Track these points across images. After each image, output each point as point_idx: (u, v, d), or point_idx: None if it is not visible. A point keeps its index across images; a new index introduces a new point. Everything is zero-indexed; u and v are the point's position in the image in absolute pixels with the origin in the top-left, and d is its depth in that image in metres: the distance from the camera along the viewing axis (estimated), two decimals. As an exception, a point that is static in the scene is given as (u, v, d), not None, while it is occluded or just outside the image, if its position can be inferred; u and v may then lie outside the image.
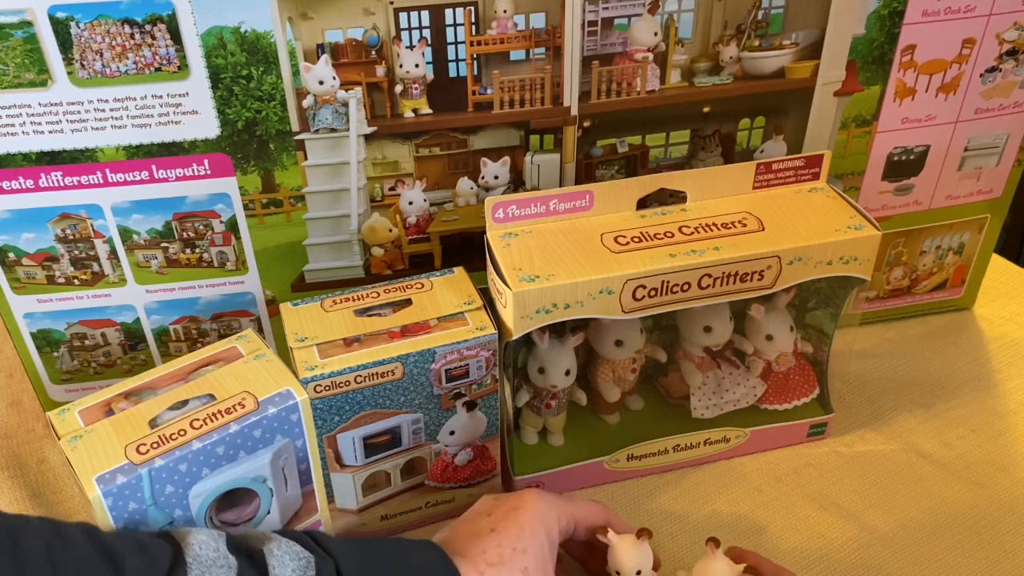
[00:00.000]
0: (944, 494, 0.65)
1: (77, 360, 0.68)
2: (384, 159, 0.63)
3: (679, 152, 0.68)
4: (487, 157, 0.65)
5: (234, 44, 0.56)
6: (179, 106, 0.58)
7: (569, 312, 0.57)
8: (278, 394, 0.52)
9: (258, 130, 0.60)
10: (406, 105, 0.61)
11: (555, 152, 0.65)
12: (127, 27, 0.55)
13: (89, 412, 0.51)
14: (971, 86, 0.68)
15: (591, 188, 0.61)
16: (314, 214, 0.64)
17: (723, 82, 0.64)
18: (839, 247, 0.59)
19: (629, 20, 0.61)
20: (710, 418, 0.68)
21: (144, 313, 0.67)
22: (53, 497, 0.66)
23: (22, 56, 0.55)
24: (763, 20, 0.62)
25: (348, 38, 0.58)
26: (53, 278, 0.64)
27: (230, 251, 0.65)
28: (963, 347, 0.79)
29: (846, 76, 0.66)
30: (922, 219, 0.75)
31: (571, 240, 0.59)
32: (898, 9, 0.63)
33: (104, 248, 0.63)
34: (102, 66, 0.56)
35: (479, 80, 0.61)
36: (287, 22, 0.57)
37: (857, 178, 0.71)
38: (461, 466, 0.63)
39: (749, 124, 0.67)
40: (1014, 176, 0.74)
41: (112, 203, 0.61)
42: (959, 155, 0.72)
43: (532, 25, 0.60)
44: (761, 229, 0.60)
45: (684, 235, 0.59)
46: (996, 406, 0.73)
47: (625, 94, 0.64)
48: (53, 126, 0.57)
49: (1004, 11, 0.65)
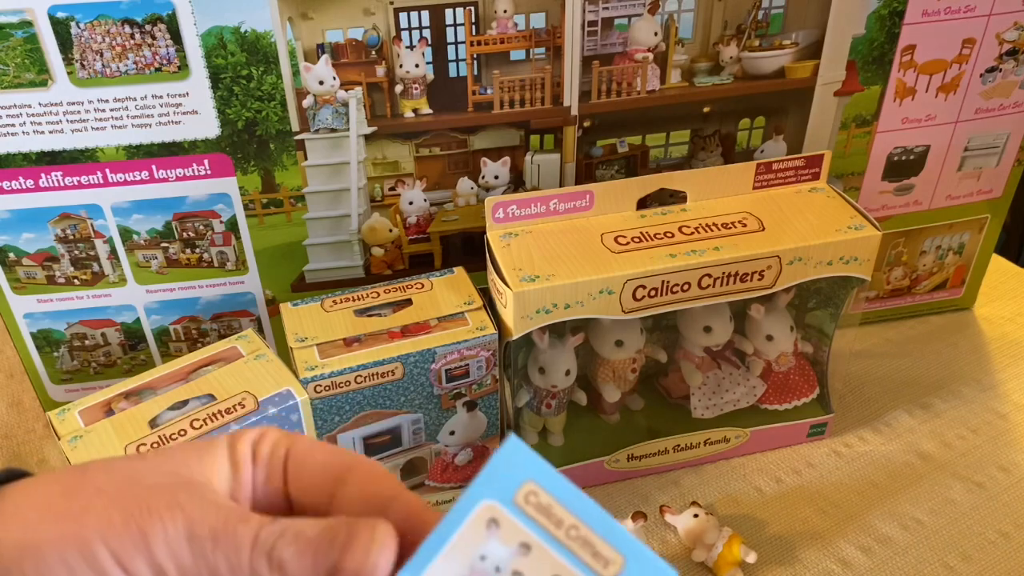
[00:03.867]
0: (944, 495, 0.65)
1: (77, 360, 0.68)
2: (384, 159, 0.63)
3: (679, 152, 0.68)
4: (487, 157, 0.65)
5: (234, 44, 0.56)
6: (179, 106, 0.58)
7: (569, 312, 0.57)
8: (278, 394, 0.52)
9: (258, 130, 0.60)
10: (406, 105, 0.61)
11: (555, 152, 0.65)
12: (127, 27, 0.55)
13: (89, 412, 0.51)
14: (971, 86, 0.68)
15: (591, 188, 0.60)
16: (314, 214, 0.64)
17: (723, 82, 0.64)
18: (839, 247, 0.59)
19: (629, 20, 0.61)
20: (710, 418, 0.68)
21: (144, 313, 0.67)
22: (53, 497, 0.66)
23: (22, 56, 0.55)
24: (763, 20, 0.62)
25: (348, 38, 0.58)
26: (53, 278, 0.64)
27: (230, 251, 0.65)
28: (963, 347, 0.79)
29: (846, 76, 0.66)
30: (922, 219, 0.75)
31: (571, 240, 0.59)
32: (898, 9, 0.63)
33: (104, 248, 0.63)
34: (102, 66, 0.56)
35: (479, 80, 0.61)
36: (287, 22, 0.57)
37: (857, 178, 0.71)
38: (461, 466, 0.63)
39: (749, 124, 0.67)
40: (1014, 176, 0.74)
41: (112, 203, 0.61)
42: (959, 155, 0.72)
43: (532, 25, 0.60)
44: (761, 229, 0.60)
45: (684, 235, 0.59)
46: (996, 406, 0.73)
47: (625, 94, 0.64)
48: (53, 126, 0.57)
49: (1004, 11, 0.65)
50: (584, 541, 0.27)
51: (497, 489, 0.27)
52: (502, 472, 0.27)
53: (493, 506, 0.27)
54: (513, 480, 0.27)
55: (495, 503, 0.27)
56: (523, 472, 0.27)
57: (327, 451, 0.33)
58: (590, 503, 0.27)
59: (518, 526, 0.27)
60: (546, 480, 0.27)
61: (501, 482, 0.27)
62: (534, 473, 0.27)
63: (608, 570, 0.26)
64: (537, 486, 0.27)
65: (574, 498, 0.27)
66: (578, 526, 0.27)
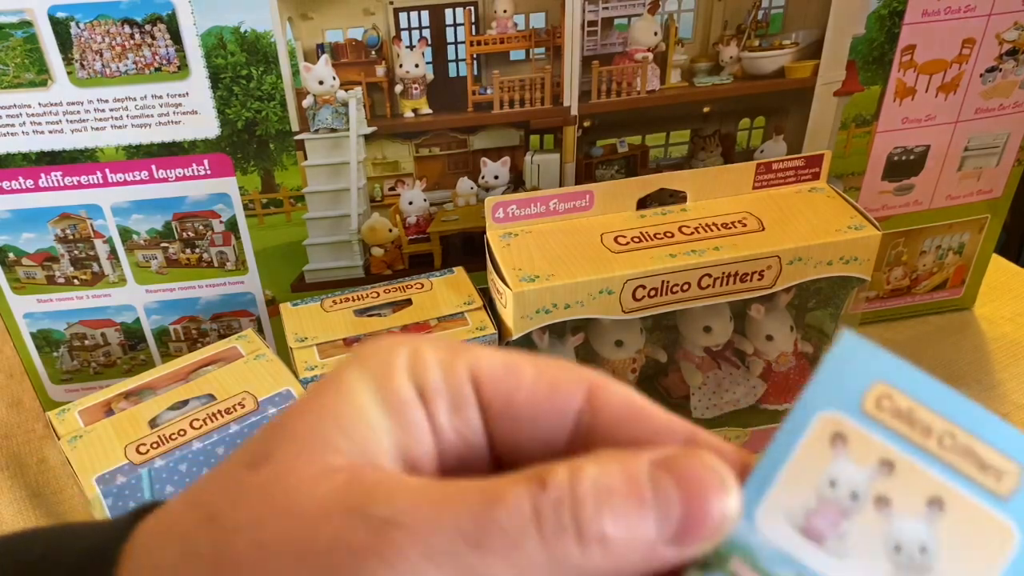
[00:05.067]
0: (944, 494, 0.65)
1: (77, 360, 0.68)
2: (384, 159, 0.63)
3: (679, 152, 0.68)
4: (487, 157, 0.65)
5: (234, 44, 0.56)
6: (179, 106, 0.58)
7: (569, 312, 0.57)
8: (278, 394, 0.52)
9: (258, 130, 0.60)
10: (406, 105, 0.61)
11: (555, 152, 0.65)
12: (127, 27, 0.55)
13: (89, 412, 0.51)
14: (971, 86, 0.68)
15: (591, 188, 0.60)
16: (314, 214, 0.64)
17: (723, 82, 0.64)
18: (839, 247, 0.59)
19: (629, 20, 0.61)
20: (710, 418, 0.68)
21: (144, 313, 0.67)
22: (53, 497, 0.66)
23: (22, 56, 0.55)
24: (763, 20, 0.62)
25: (348, 38, 0.58)
26: (53, 278, 0.64)
27: (230, 251, 0.65)
28: (963, 347, 0.79)
29: (846, 76, 0.66)
30: (922, 219, 0.75)
31: (571, 240, 0.59)
32: (898, 9, 0.63)
33: (104, 248, 0.63)
34: (102, 66, 0.56)
35: (479, 80, 0.61)
36: (287, 22, 0.57)
37: (857, 178, 0.71)
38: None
39: (749, 124, 0.67)
40: (1014, 176, 0.74)
41: (112, 203, 0.61)
42: (959, 155, 0.72)
43: (532, 25, 0.60)
44: (761, 229, 0.60)
45: (684, 235, 0.59)
46: (996, 406, 0.72)
47: (625, 94, 0.64)
48: (53, 126, 0.57)
49: (1004, 11, 0.65)
50: (965, 450, 0.21)
51: (838, 397, 0.21)
52: (841, 375, 0.22)
53: (836, 418, 0.21)
54: (858, 383, 0.21)
55: (838, 414, 0.21)
56: (869, 372, 0.21)
57: (532, 364, 0.22)
58: (965, 402, 0.21)
59: (873, 440, 0.21)
60: (903, 378, 0.21)
61: (842, 387, 0.21)
62: (885, 372, 0.21)
63: (1003, 483, 0.21)
64: (891, 387, 0.21)
65: (943, 397, 0.21)
66: (954, 432, 0.21)
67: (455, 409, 0.21)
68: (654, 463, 0.20)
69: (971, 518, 0.20)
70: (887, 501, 0.21)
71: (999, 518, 0.20)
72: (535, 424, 0.21)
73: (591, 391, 0.22)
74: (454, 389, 0.21)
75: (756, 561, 0.20)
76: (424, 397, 0.21)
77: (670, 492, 0.19)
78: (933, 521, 0.20)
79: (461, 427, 0.21)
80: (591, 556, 0.18)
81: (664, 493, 0.19)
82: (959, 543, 0.20)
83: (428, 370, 0.21)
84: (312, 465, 0.20)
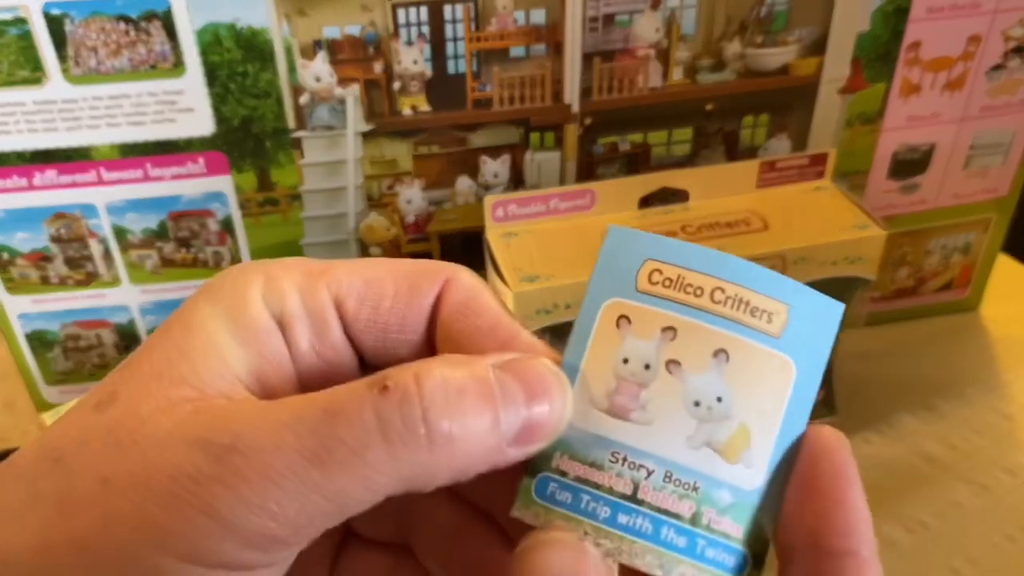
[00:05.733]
0: (950, 497, 0.65)
1: (71, 361, 0.68)
2: (382, 157, 0.63)
3: (682, 150, 0.67)
4: (487, 155, 0.64)
5: (230, 41, 0.56)
6: (174, 103, 0.57)
7: (570, 312, 0.56)
8: (274, 396, 0.51)
9: (254, 128, 0.59)
10: (404, 102, 0.61)
11: (556, 150, 0.65)
12: (122, 24, 0.54)
13: (82, 414, 0.51)
14: (977, 83, 0.67)
15: (592, 187, 0.60)
16: (311, 213, 0.64)
17: (726, 79, 0.64)
18: (844, 247, 0.58)
19: (631, 16, 0.60)
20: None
21: (139, 313, 0.66)
22: (47, 500, 0.66)
23: (16, 54, 0.54)
24: (767, 16, 0.62)
25: (345, 35, 0.57)
26: (47, 278, 0.63)
27: (225, 251, 0.64)
28: (968, 348, 0.78)
29: (851, 73, 0.65)
30: (928, 218, 0.74)
31: (572, 239, 0.58)
32: (903, 6, 0.62)
33: (98, 248, 0.62)
34: (97, 63, 0.55)
35: (478, 77, 0.61)
36: (283, 18, 0.56)
37: (862, 176, 0.70)
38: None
39: (752, 121, 0.67)
40: (1020, 175, 0.74)
41: (107, 202, 0.60)
42: (965, 153, 0.71)
43: (532, 21, 0.59)
44: (765, 228, 0.59)
45: (687, 234, 0.59)
46: (1002, 408, 0.72)
47: (627, 91, 0.63)
48: (47, 124, 0.57)
49: (1010, 8, 0.64)
50: (735, 301, 0.23)
51: (615, 284, 0.23)
52: (614, 264, 0.23)
53: (617, 303, 0.23)
54: (629, 267, 0.23)
55: (617, 299, 0.23)
56: (637, 254, 0.23)
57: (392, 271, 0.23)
58: (727, 258, 0.23)
59: (652, 312, 0.23)
60: (667, 251, 0.23)
61: (617, 275, 0.23)
62: (650, 250, 0.23)
63: (774, 323, 0.23)
64: (658, 262, 0.23)
65: (706, 258, 0.23)
66: (723, 286, 0.23)
67: (317, 333, 0.21)
68: (498, 365, 0.21)
69: (754, 360, 0.22)
70: (677, 363, 0.22)
71: (777, 354, 0.23)
72: (403, 329, 0.22)
73: (445, 284, 0.24)
74: (315, 313, 0.21)
75: (575, 452, 0.22)
76: (283, 324, 0.21)
77: (516, 392, 0.20)
78: (722, 371, 0.22)
79: (324, 350, 0.21)
80: (438, 457, 0.19)
81: (510, 393, 0.20)
82: (748, 384, 0.22)
83: (286, 296, 0.21)
84: (158, 400, 0.20)
